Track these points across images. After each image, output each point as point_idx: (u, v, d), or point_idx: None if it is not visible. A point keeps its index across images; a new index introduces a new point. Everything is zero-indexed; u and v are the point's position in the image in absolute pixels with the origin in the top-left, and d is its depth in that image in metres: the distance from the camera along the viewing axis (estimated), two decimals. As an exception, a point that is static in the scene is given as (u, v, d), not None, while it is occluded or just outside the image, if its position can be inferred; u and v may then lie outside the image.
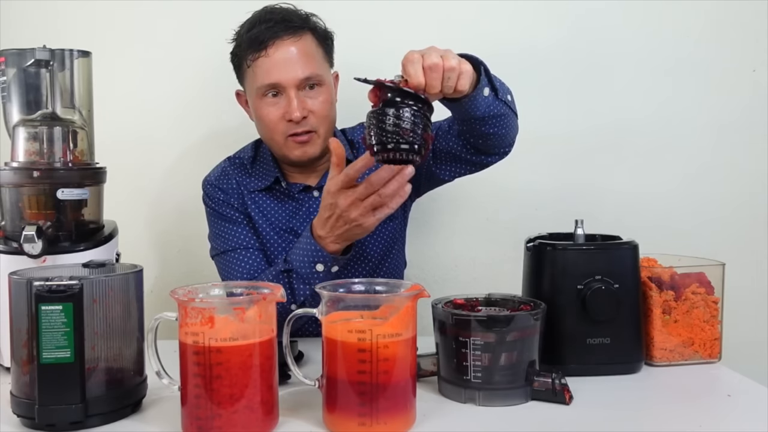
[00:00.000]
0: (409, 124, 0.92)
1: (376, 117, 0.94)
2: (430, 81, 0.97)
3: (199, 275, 1.63)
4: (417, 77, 0.95)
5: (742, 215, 1.72)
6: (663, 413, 0.93)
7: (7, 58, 1.17)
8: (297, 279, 1.14)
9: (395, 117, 0.92)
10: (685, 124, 1.71)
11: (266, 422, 0.85)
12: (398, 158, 0.94)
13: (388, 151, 0.93)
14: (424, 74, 0.96)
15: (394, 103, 0.93)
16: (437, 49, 0.99)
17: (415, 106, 0.93)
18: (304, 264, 1.14)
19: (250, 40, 1.27)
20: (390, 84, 0.95)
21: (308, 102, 1.26)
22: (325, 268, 1.13)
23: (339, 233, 1.09)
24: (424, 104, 0.95)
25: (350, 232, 1.09)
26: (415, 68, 0.95)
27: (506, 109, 1.16)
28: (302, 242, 1.15)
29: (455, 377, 0.95)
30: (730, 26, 1.70)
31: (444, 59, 0.97)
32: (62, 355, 0.84)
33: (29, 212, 1.11)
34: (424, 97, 0.95)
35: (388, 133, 0.92)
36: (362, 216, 1.05)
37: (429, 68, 0.96)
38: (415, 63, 0.96)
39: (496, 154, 1.27)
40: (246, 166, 1.40)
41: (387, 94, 0.95)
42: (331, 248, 1.12)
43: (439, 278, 1.72)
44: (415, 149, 0.93)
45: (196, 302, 0.83)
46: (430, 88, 0.97)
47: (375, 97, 0.97)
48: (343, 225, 1.08)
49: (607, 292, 1.05)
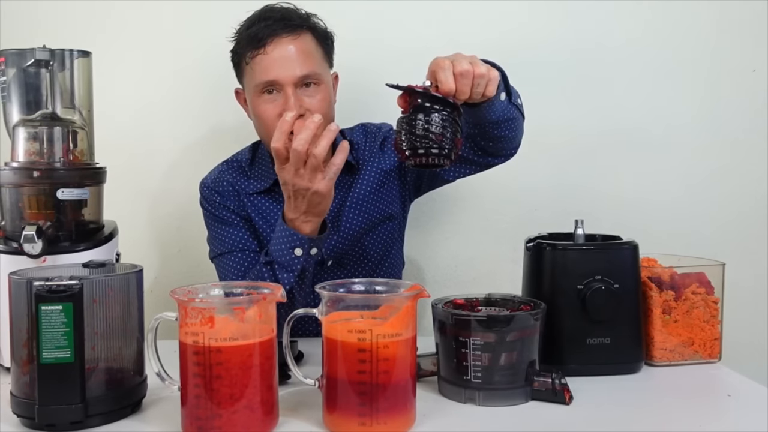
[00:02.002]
0: (439, 129, 0.95)
1: (407, 122, 0.96)
2: (461, 87, 0.99)
3: (199, 275, 1.63)
4: (448, 83, 0.98)
5: (742, 215, 1.72)
6: (663, 413, 0.93)
7: (7, 58, 1.17)
8: (279, 268, 1.14)
9: (425, 122, 0.95)
10: (685, 124, 1.71)
11: (266, 422, 0.85)
12: (430, 162, 0.96)
13: (420, 156, 0.96)
14: (455, 80, 0.98)
15: (424, 109, 0.96)
16: (465, 56, 1.02)
17: (445, 111, 0.96)
18: (282, 251, 1.13)
19: (249, 38, 1.27)
20: (420, 90, 0.97)
21: (306, 100, 1.26)
22: (303, 251, 1.13)
23: (304, 209, 1.10)
24: (454, 109, 0.97)
25: (312, 203, 1.09)
26: (446, 75, 0.98)
27: (517, 112, 1.18)
28: (277, 231, 1.15)
29: (455, 377, 0.95)
30: (730, 26, 1.70)
31: (474, 66, 0.99)
32: (62, 355, 0.84)
33: (29, 212, 1.11)
34: (453, 101, 0.98)
35: (419, 137, 0.95)
36: (311, 181, 1.06)
37: (460, 75, 0.98)
38: (446, 70, 0.98)
39: (502, 156, 1.28)
40: (244, 169, 1.40)
41: (417, 99, 0.97)
42: (306, 229, 1.12)
43: (439, 278, 1.72)
44: (446, 153, 0.96)
45: (196, 302, 0.83)
46: (461, 94, 1.00)
47: (404, 102, 0.99)
48: (302, 199, 1.09)
49: (607, 292, 1.05)
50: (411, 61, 1.60)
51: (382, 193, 1.38)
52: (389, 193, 1.40)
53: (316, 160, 1.05)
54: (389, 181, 1.40)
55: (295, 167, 1.06)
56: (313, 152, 1.04)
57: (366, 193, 1.37)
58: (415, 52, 1.61)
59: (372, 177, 1.38)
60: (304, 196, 1.08)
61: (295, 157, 1.05)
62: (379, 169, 1.38)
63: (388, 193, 1.40)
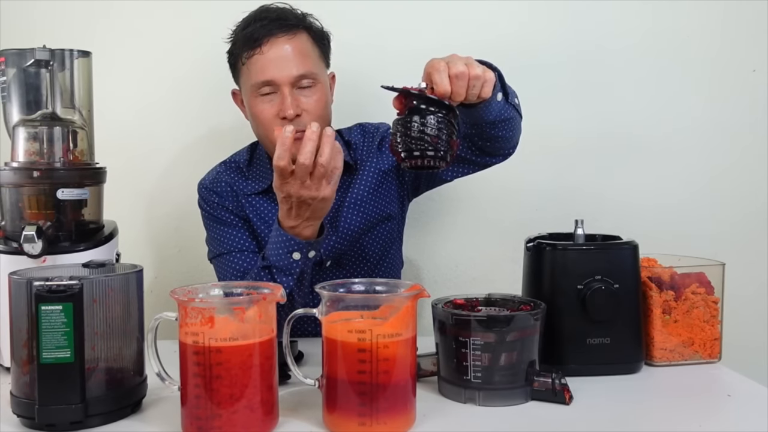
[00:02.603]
0: (434, 131, 0.95)
1: (402, 124, 0.96)
2: (456, 89, 0.99)
3: (199, 275, 1.63)
4: (444, 85, 0.97)
5: (742, 215, 1.72)
6: (663, 413, 0.93)
7: (7, 58, 1.17)
8: (278, 272, 1.14)
9: (421, 124, 0.95)
10: (685, 124, 1.71)
11: (266, 422, 0.85)
12: (425, 164, 0.96)
13: (415, 158, 0.96)
14: (450, 82, 0.98)
15: (419, 111, 0.96)
16: (460, 57, 1.01)
17: (440, 113, 0.96)
18: (280, 256, 1.13)
19: (245, 38, 1.27)
20: (416, 92, 0.97)
21: (302, 100, 1.26)
22: (301, 255, 1.13)
23: (307, 216, 1.10)
24: (449, 111, 0.97)
25: (316, 208, 1.09)
26: (442, 77, 0.97)
27: (515, 112, 1.18)
28: (273, 236, 1.15)
29: (455, 377, 0.95)
30: (730, 26, 1.70)
31: (469, 68, 0.99)
32: (62, 355, 0.84)
33: (29, 212, 1.11)
34: (449, 103, 0.97)
35: (414, 140, 0.95)
36: (317, 190, 1.06)
37: (455, 77, 0.98)
38: (442, 72, 0.98)
39: (500, 155, 1.28)
40: (242, 170, 1.40)
41: (412, 101, 0.97)
42: (307, 233, 1.12)
43: (439, 278, 1.72)
44: (441, 155, 0.96)
45: (196, 302, 0.83)
46: (456, 96, 0.99)
47: (400, 104, 0.99)
48: (306, 207, 1.08)
49: (607, 292, 1.05)
50: (409, 62, 1.60)
51: (380, 193, 1.38)
52: (388, 193, 1.40)
53: (324, 169, 1.04)
54: (387, 181, 1.40)
55: (301, 180, 1.05)
56: (320, 162, 1.04)
57: (364, 193, 1.37)
58: (412, 53, 1.61)
59: (370, 177, 1.37)
60: (310, 204, 1.08)
61: (302, 171, 1.04)
62: (378, 169, 1.38)
63: (387, 193, 1.40)
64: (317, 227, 1.13)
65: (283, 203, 1.10)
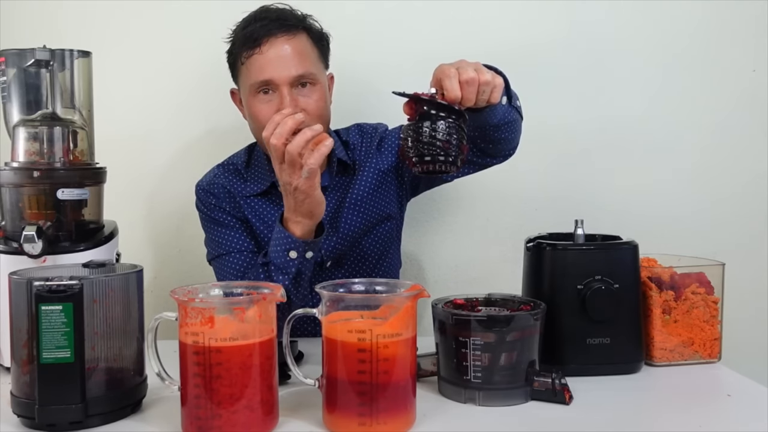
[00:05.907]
0: (445, 136, 0.96)
1: (413, 130, 0.97)
2: (467, 95, 1.00)
3: (199, 275, 1.63)
4: (454, 91, 0.98)
5: (742, 215, 1.72)
6: (663, 413, 0.93)
7: (7, 58, 1.17)
8: (275, 270, 1.14)
9: (432, 129, 0.96)
10: (685, 124, 1.71)
11: (266, 422, 0.85)
12: (436, 169, 0.97)
13: (426, 163, 0.97)
14: (460, 88, 0.99)
15: (430, 116, 0.97)
16: (469, 63, 1.02)
17: (450, 118, 0.97)
18: (278, 253, 1.14)
19: (245, 38, 1.27)
20: (426, 97, 0.98)
21: (301, 100, 1.26)
22: (298, 254, 1.13)
23: (294, 208, 1.11)
24: (459, 116, 0.98)
25: (298, 201, 1.10)
26: (452, 83, 0.98)
27: (517, 114, 1.19)
28: (274, 232, 1.15)
29: (455, 377, 0.95)
30: (730, 26, 1.70)
31: (479, 73, 1.00)
32: (62, 355, 0.84)
33: (29, 212, 1.11)
34: (459, 108, 0.98)
35: (425, 145, 0.96)
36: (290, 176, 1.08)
37: (466, 82, 0.99)
38: (452, 78, 0.99)
39: (501, 156, 1.29)
40: (240, 172, 1.40)
41: (423, 107, 0.98)
42: (297, 231, 1.12)
43: (439, 278, 1.72)
44: (452, 160, 0.97)
45: (196, 302, 0.83)
46: (466, 101, 1.00)
47: (410, 110, 1.00)
48: (291, 197, 1.10)
49: (607, 292, 1.05)
50: (408, 62, 1.62)
51: (380, 194, 1.38)
52: (387, 193, 1.40)
53: (290, 156, 1.06)
54: (387, 181, 1.40)
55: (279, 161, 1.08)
56: (288, 148, 1.06)
57: (364, 193, 1.37)
58: (412, 53, 1.62)
59: (370, 177, 1.37)
60: (293, 195, 1.09)
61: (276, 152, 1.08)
62: (377, 170, 1.38)
63: (386, 193, 1.40)
64: (308, 227, 1.13)
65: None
